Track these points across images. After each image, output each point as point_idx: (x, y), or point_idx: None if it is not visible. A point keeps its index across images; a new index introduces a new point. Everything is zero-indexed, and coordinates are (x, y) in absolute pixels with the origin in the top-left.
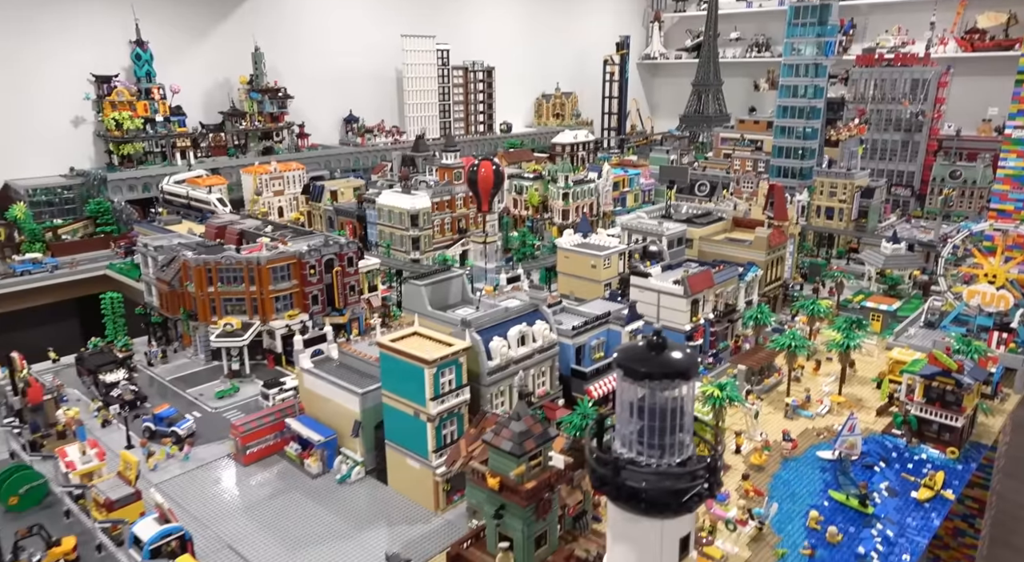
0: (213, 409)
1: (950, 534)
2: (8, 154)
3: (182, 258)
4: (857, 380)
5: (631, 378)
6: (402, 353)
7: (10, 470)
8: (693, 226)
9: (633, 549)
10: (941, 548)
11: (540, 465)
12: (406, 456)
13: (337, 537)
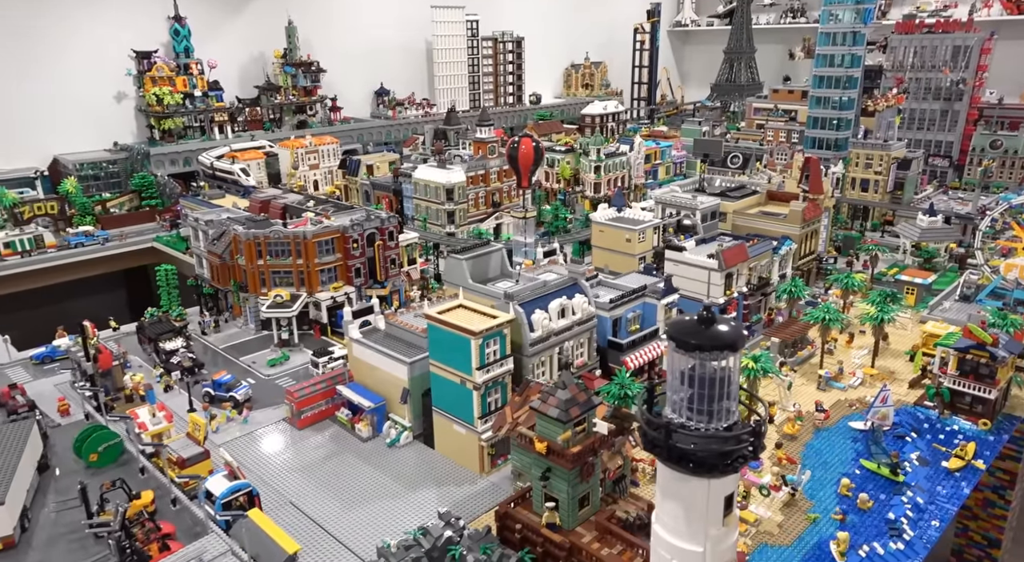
0: (266, 376)
1: (979, 505)
2: (56, 129)
3: (233, 232)
4: (890, 353)
5: (682, 349)
6: (449, 324)
7: (88, 430)
8: (727, 200)
9: (682, 506)
10: (970, 519)
11: (584, 431)
12: (452, 422)
13: (389, 496)
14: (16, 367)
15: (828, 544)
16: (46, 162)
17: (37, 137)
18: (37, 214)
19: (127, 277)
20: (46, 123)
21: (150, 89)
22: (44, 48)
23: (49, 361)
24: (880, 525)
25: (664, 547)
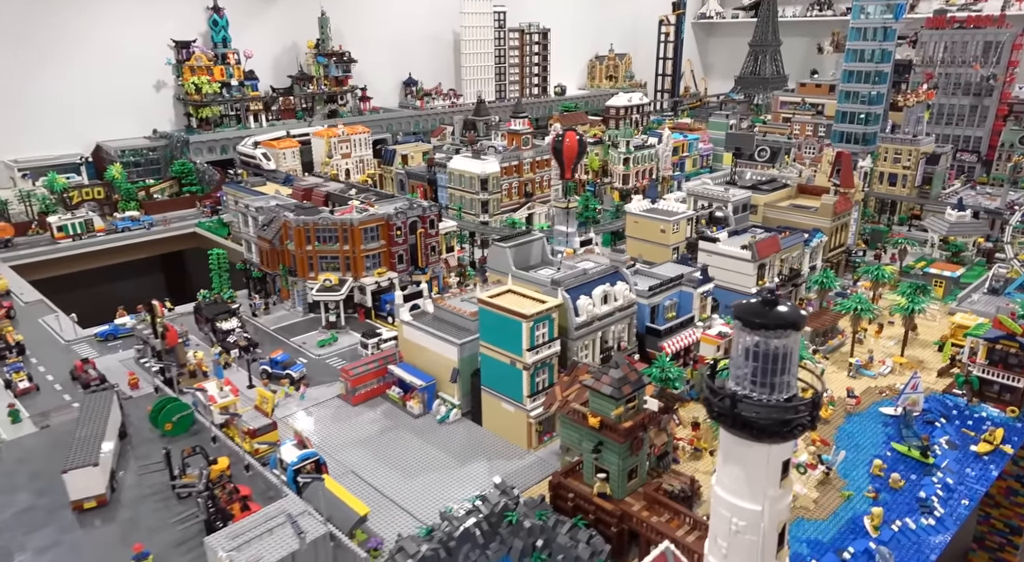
0: (316, 356)
1: (1002, 493)
2: (99, 117)
3: (283, 218)
4: (919, 343)
5: (748, 328)
6: (501, 308)
7: (163, 402)
8: (758, 192)
9: (743, 470)
10: (993, 506)
11: (635, 408)
12: (501, 400)
13: (443, 467)
14: (82, 344)
15: (862, 519)
16: (89, 148)
17: (81, 124)
18: (85, 199)
19: (164, 262)
20: (89, 111)
21: (189, 78)
22: (88, 38)
23: (112, 339)
24: (911, 503)
25: (725, 507)
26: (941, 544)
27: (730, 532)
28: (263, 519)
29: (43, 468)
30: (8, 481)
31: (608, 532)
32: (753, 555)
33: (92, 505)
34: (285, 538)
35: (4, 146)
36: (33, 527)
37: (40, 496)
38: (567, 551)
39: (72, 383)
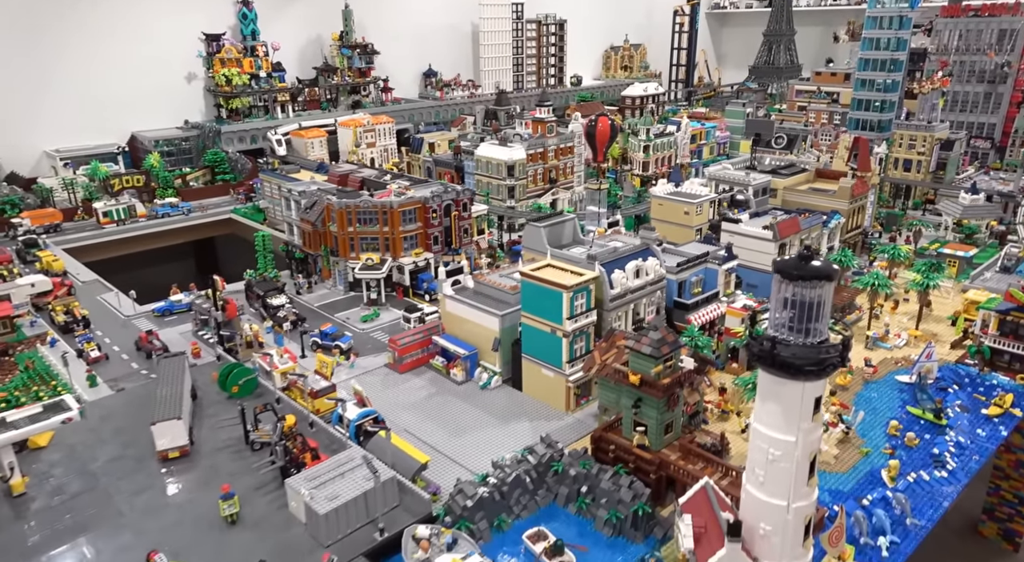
0: (360, 330)
1: (1011, 465)
2: (133, 108)
3: (325, 202)
4: (932, 319)
5: (787, 280)
6: (543, 280)
7: (229, 367)
8: (777, 177)
9: (779, 406)
10: (1003, 479)
11: (672, 367)
12: (541, 367)
13: (488, 427)
14: (140, 319)
15: (879, 472)
16: (124, 139)
17: (116, 116)
18: (125, 187)
19: (196, 248)
20: (124, 103)
21: (219, 70)
22: (122, 33)
23: (168, 314)
24: (926, 458)
25: (763, 440)
26: (953, 494)
27: (767, 461)
28: (334, 465)
29: (125, 424)
30: (95, 436)
31: (647, 479)
32: (787, 480)
33: (176, 455)
34: (357, 480)
35: (44, 137)
36: (125, 474)
37: (126, 448)
38: (610, 495)
39: (137, 353)
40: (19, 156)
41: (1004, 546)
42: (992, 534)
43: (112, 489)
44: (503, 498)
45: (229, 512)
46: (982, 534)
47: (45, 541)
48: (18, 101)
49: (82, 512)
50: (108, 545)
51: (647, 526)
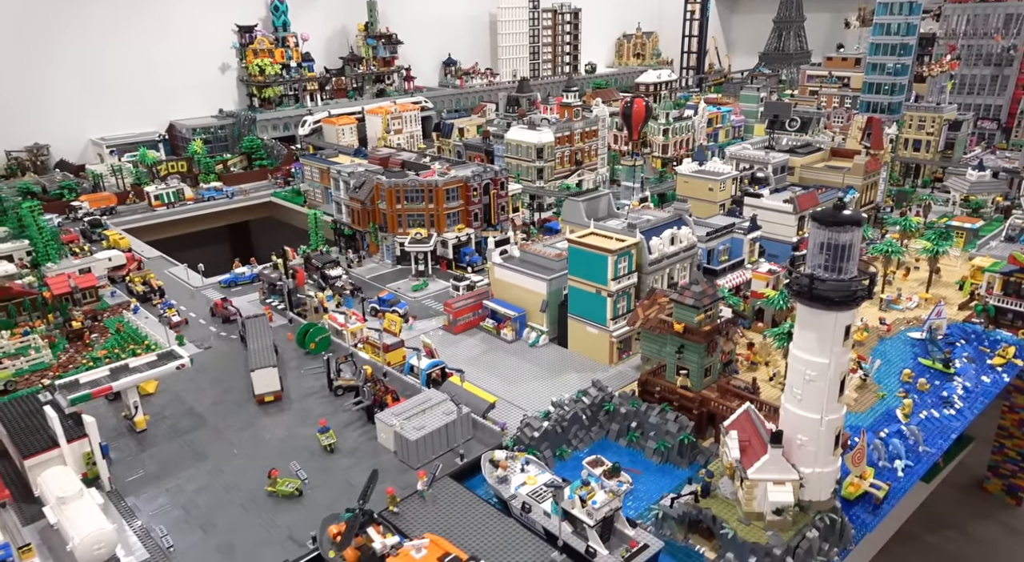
0: (412, 298)
1: (1015, 425)
2: (171, 98)
3: (375, 181)
4: (941, 284)
5: (823, 226)
6: (589, 245)
7: (306, 327)
8: (795, 155)
9: (816, 333)
10: (1006, 437)
11: (711, 316)
12: (586, 325)
13: (540, 378)
14: (209, 289)
15: (894, 411)
16: (164, 127)
17: (156, 105)
18: (171, 172)
19: (231, 232)
20: (162, 93)
21: (252, 60)
22: (160, 26)
23: (233, 285)
24: (936, 400)
25: (801, 363)
26: (960, 428)
27: (804, 381)
28: (416, 403)
29: (219, 375)
30: (195, 385)
31: (689, 415)
32: (821, 397)
33: (270, 399)
34: (437, 415)
35: (90, 126)
36: (228, 415)
37: (225, 394)
38: (658, 428)
39: (212, 318)
40: (67, 145)
41: (1008, 500)
42: (996, 490)
43: (220, 426)
44: (563, 432)
45: (327, 442)
46: (987, 490)
47: (172, 466)
48: (66, 93)
49: (198, 444)
50: (228, 467)
51: (691, 453)
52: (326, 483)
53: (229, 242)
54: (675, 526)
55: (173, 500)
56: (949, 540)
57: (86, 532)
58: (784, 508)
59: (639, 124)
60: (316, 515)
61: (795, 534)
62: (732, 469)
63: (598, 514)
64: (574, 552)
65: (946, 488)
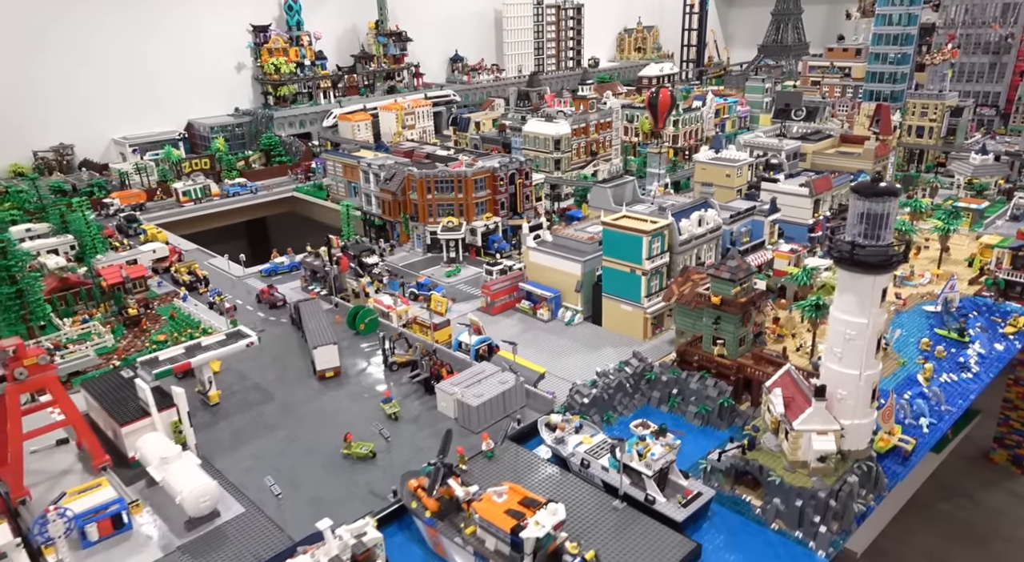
0: (446, 283)
1: (1020, 397)
2: (188, 97)
3: (405, 173)
4: (951, 262)
5: (863, 197)
6: (624, 227)
7: (355, 309)
8: (806, 142)
9: (855, 295)
10: (1011, 409)
11: (746, 289)
12: (620, 303)
13: (579, 353)
14: (250, 278)
15: (915, 375)
16: (182, 126)
17: (174, 105)
18: (194, 169)
19: (248, 228)
20: (180, 93)
21: (268, 59)
22: (177, 27)
23: (274, 274)
24: (953, 365)
25: (841, 324)
26: (977, 389)
27: (844, 341)
28: (471, 374)
29: (278, 354)
30: (256, 363)
31: (727, 381)
32: (860, 355)
33: (331, 374)
34: (493, 384)
35: (111, 126)
36: (292, 389)
37: (285, 371)
38: (698, 393)
39: (259, 304)
40: (90, 144)
41: (1013, 470)
42: (1002, 460)
43: (286, 400)
44: (609, 399)
45: (391, 411)
46: (993, 461)
47: (250, 435)
48: (88, 94)
49: (269, 416)
50: (302, 435)
51: (730, 416)
52: (395, 447)
53: (247, 238)
54: (722, 478)
55: (257, 464)
56: (959, 508)
57: (192, 486)
58: (827, 456)
59: (664, 113)
60: (391, 474)
61: (837, 479)
62: (776, 423)
63: (656, 465)
64: (633, 501)
65: (954, 459)
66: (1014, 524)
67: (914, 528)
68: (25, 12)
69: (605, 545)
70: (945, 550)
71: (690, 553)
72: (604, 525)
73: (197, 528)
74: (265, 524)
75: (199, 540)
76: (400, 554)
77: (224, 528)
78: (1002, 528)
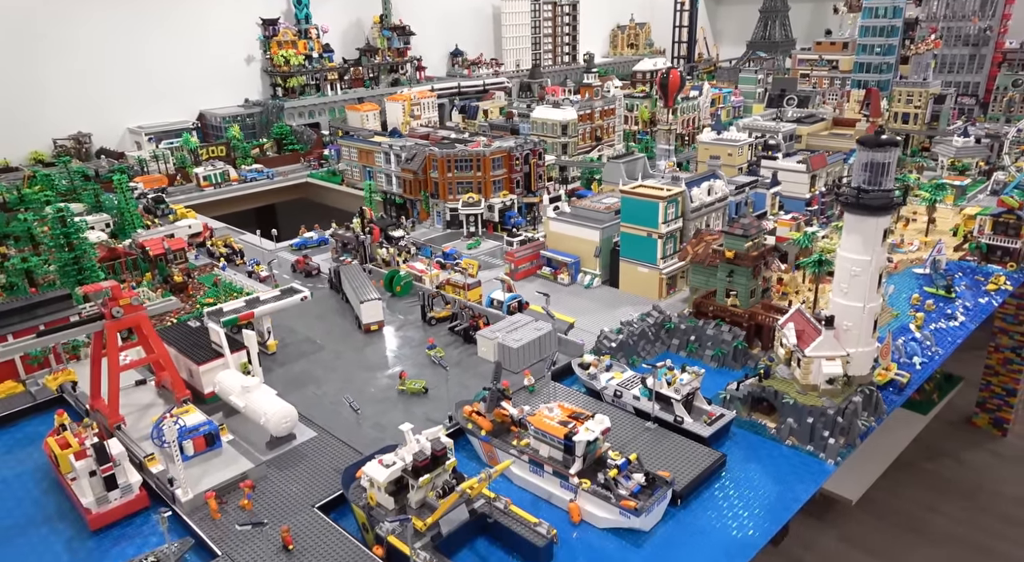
0: (469, 254)
1: (1000, 363)
2: (199, 88)
3: (427, 152)
4: (937, 232)
5: (867, 148)
6: (642, 194)
7: (391, 273)
8: (802, 125)
9: (860, 236)
10: (992, 375)
11: (757, 244)
12: (637, 265)
13: (600, 311)
14: (282, 252)
15: (908, 324)
16: (194, 116)
17: (186, 95)
18: (211, 156)
19: (256, 215)
20: (192, 83)
21: (277, 52)
22: (189, 19)
23: (304, 248)
24: (940, 317)
25: (848, 262)
26: (964, 334)
27: (850, 277)
28: (508, 323)
29: (320, 313)
30: (304, 320)
31: (740, 327)
32: (864, 289)
33: (375, 328)
34: (529, 331)
35: (126, 115)
36: (341, 340)
37: (332, 326)
38: (714, 338)
39: (294, 274)
40: (107, 133)
41: (994, 433)
42: (984, 424)
43: (338, 348)
44: (633, 345)
45: (437, 357)
46: (975, 424)
47: (309, 378)
48: (105, 84)
49: (325, 362)
50: (356, 377)
51: (744, 358)
52: (442, 386)
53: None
54: (740, 405)
55: (320, 399)
56: (944, 467)
57: (275, 409)
58: (835, 379)
59: (674, 91)
60: (443, 406)
61: (843, 400)
62: (789, 354)
63: (684, 390)
64: (664, 423)
65: (939, 424)
66: (998, 480)
67: (904, 482)
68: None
69: (643, 455)
70: (933, 500)
71: (716, 461)
72: (640, 441)
73: (277, 448)
74: (337, 444)
75: (282, 456)
76: (461, 468)
77: (301, 448)
78: (986, 483)
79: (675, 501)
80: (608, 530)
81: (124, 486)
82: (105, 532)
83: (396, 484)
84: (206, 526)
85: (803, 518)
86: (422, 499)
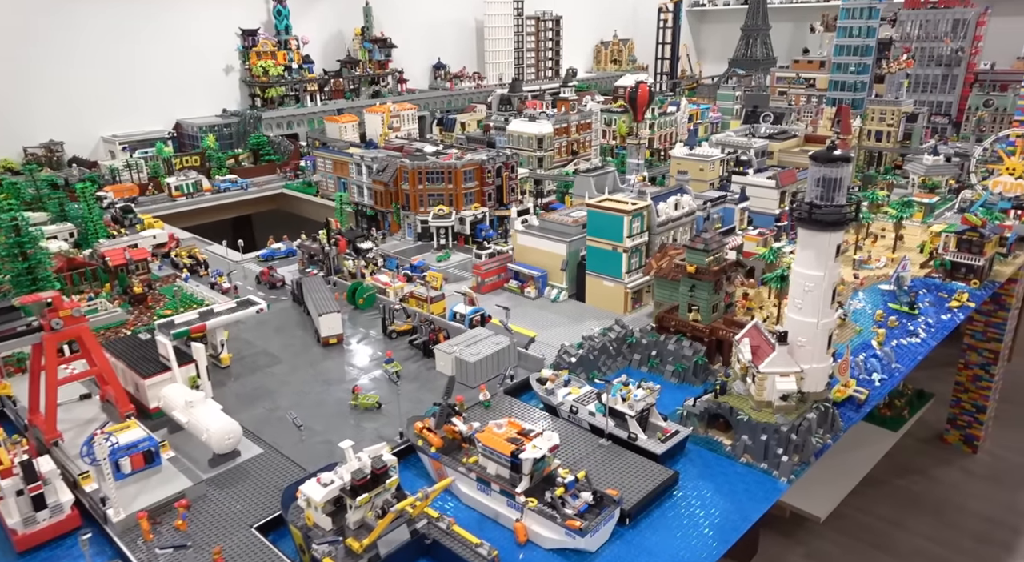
0: (437, 267)
1: (970, 380)
2: (176, 98)
3: (398, 164)
4: (904, 249)
5: (819, 164)
6: (607, 208)
7: (354, 285)
8: (774, 141)
9: (814, 251)
10: (963, 392)
11: (718, 259)
12: (603, 279)
13: (564, 325)
14: (248, 263)
15: (870, 341)
16: (170, 125)
17: (162, 105)
18: (185, 166)
19: (233, 226)
20: (169, 93)
21: (256, 62)
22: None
23: (271, 259)
24: (904, 333)
25: (801, 277)
26: (924, 351)
27: (804, 292)
28: (467, 338)
29: (279, 326)
30: (259, 333)
31: (701, 343)
32: (817, 304)
33: (334, 341)
34: (488, 345)
35: (100, 124)
36: (298, 355)
37: (290, 340)
38: (675, 354)
39: (258, 285)
40: (80, 141)
41: (965, 449)
42: (955, 440)
43: (294, 362)
44: (594, 359)
45: (394, 370)
46: (946, 441)
47: (262, 392)
48: (77, 93)
49: (279, 375)
50: (310, 391)
51: (704, 374)
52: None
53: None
54: (696, 422)
55: (270, 415)
56: (914, 483)
57: (217, 425)
58: (789, 395)
59: (643, 106)
60: (395, 422)
61: (797, 416)
62: (745, 369)
63: (638, 405)
64: (618, 440)
65: (910, 440)
66: (965, 496)
67: (872, 498)
68: (13, 11)
69: (593, 472)
70: (900, 517)
71: (669, 479)
72: (593, 458)
73: (220, 465)
74: (282, 461)
75: (223, 474)
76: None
77: (245, 466)
78: (953, 498)
79: (624, 520)
80: (554, 551)
81: (54, 506)
82: (32, 554)
83: (335, 504)
84: (137, 548)
85: (771, 536)
86: (360, 519)
